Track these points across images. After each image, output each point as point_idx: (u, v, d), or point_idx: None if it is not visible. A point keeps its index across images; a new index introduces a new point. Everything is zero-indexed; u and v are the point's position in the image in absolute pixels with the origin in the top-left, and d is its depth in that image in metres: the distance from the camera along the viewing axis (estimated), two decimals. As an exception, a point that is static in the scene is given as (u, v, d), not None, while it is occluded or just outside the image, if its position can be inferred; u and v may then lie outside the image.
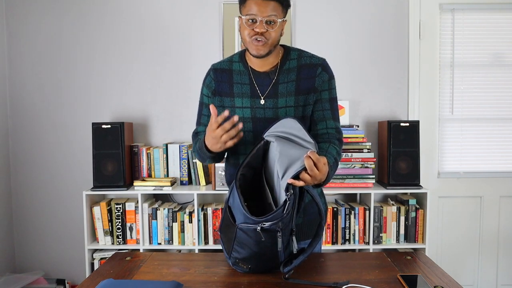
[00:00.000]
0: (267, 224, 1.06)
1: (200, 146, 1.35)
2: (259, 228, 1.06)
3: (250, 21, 1.25)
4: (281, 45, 1.39)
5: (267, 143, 1.22)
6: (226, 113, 1.20)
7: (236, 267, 1.19)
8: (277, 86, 1.35)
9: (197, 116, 1.49)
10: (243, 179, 1.21)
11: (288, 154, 1.11)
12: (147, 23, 2.64)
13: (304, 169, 1.06)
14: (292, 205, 1.07)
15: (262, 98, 1.35)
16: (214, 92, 1.40)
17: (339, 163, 1.52)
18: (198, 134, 1.47)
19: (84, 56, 2.66)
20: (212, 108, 1.21)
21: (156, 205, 2.45)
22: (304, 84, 1.34)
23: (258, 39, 1.26)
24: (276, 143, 1.15)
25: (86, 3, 2.64)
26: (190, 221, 2.40)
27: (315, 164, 1.07)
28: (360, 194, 2.61)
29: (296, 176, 1.07)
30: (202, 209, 2.40)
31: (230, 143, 1.23)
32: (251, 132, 1.37)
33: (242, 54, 1.41)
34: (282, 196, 1.08)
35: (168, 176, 2.54)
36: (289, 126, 1.18)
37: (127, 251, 2.38)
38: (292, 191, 1.07)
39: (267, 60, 1.34)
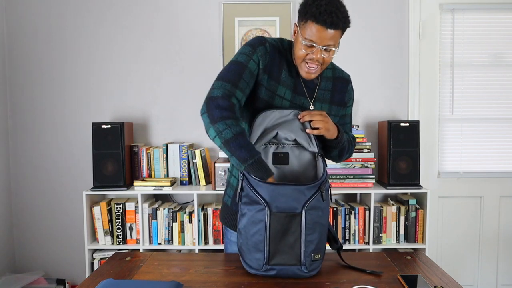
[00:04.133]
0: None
1: (247, 147, 1.16)
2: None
3: (308, 45, 1.23)
4: None
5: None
6: None
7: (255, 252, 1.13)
8: (317, 92, 1.38)
9: (232, 74, 1.23)
10: None
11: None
12: (147, 23, 2.64)
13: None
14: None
15: (310, 103, 1.36)
16: (265, 68, 1.28)
17: (341, 163, 1.52)
18: (231, 99, 1.21)
19: (84, 56, 2.66)
20: None
21: (156, 205, 2.45)
22: (338, 97, 1.41)
23: (312, 65, 1.26)
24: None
25: (86, 3, 2.64)
26: (190, 221, 2.40)
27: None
28: (360, 194, 2.61)
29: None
30: (202, 209, 2.40)
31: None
32: None
33: (291, 48, 1.35)
34: None
35: (168, 176, 2.54)
36: (271, 118, 1.27)
37: (127, 251, 2.38)
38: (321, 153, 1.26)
39: None
